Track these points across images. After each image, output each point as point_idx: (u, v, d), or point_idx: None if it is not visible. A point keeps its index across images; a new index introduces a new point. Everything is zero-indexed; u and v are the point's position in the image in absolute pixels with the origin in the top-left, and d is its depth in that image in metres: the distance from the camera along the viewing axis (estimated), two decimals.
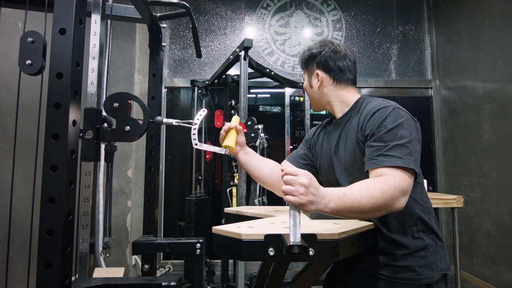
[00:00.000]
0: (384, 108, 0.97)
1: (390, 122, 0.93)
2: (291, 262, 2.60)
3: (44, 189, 0.64)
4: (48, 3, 0.94)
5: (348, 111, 1.11)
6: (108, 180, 1.32)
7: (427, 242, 0.97)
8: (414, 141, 0.92)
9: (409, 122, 0.95)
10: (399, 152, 0.89)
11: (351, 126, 1.06)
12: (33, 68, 0.77)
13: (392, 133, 0.92)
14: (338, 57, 1.11)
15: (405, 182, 0.86)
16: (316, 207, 0.76)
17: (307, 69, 1.18)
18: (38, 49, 0.77)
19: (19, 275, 1.64)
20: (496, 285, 2.64)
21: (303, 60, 1.18)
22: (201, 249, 1.19)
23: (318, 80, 1.13)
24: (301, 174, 0.76)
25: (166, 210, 3.42)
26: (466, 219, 3.02)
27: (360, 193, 0.81)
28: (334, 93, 1.13)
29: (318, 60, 1.13)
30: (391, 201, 0.83)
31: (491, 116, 2.74)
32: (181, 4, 1.40)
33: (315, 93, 1.16)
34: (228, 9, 3.59)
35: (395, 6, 3.67)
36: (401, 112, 0.97)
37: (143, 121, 1.00)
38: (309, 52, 1.15)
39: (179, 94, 3.69)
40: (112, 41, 1.59)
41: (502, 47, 2.63)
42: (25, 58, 0.77)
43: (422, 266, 0.95)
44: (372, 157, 0.93)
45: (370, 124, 0.97)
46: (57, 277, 0.62)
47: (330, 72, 1.12)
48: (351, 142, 1.03)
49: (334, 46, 1.13)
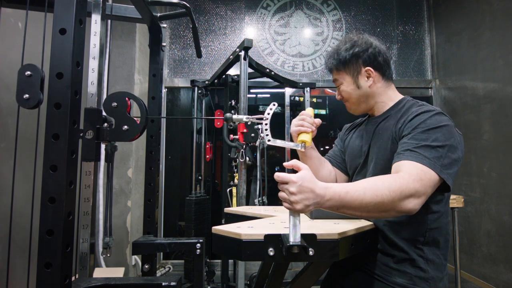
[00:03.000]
0: (427, 111, 0.93)
1: (428, 124, 0.89)
2: (291, 262, 2.60)
3: (44, 189, 0.64)
4: (48, 3, 0.94)
5: (388, 109, 1.06)
6: (108, 180, 1.32)
7: (429, 256, 0.93)
8: (449, 148, 0.86)
9: (450, 129, 0.89)
10: (428, 152, 0.84)
11: (387, 125, 1.01)
12: (30, 102, 0.76)
13: (427, 133, 0.88)
14: (382, 51, 1.06)
15: (420, 184, 0.80)
16: (315, 207, 0.74)
17: (347, 70, 1.07)
18: (36, 82, 0.76)
19: (19, 275, 1.64)
20: (496, 285, 2.64)
21: (343, 58, 1.07)
22: (201, 249, 1.19)
23: (370, 78, 1.05)
24: (290, 181, 0.71)
25: (166, 210, 3.41)
26: (466, 219, 3.02)
27: (365, 190, 0.77)
28: (383, 91, 1.07)
29: (365, 58, 1.05)
30: (399, 201, 0.78)
31: (491, 116, 2.74)
32: (181, 4, 1.40)
33: (363, 94, 1.07)
34: (228, 9, 3.59)
35: (395, 6, 3.67)
36: (444, 118, 0.92)
37: (140, 120, 1.00)
38: (351, 49, 1.05)
39: (179, 94, 3.69)
40: (112, 41, 1.59)
41: (502, 47, 2.63)
42: (22, 93, 0.76)
43: (420, 277, 0.91)
44: (399, 152, 0.89)
45: (409, 125, 0.92)
46: (57, 277, 0.62)
47: (380, 68, 1.06)
48: (385, 141, 0.99)
49: (373, 40, 1.07)
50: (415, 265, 0.92)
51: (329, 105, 3.76)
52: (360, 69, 1.06)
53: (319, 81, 3.47)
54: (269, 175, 2.84)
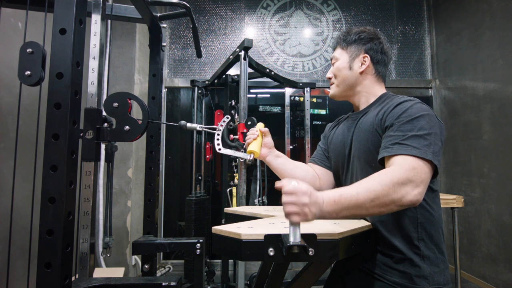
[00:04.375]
0: (407, 101, 0.96)
1: (411, 113, 0.91)
2: (291, 262, 2.60)
3: (44, 189, 0.64)
4: (48, 3, 0.94)
5: (370, 104, 1.09)
6: (108, 180, 1.32)
7: (424, 253, 0.93)
8: (434, 135, 0.89)
9: (431, 117, 0.92)
10: (417, 142, 0.86)
11: (367, 118, 1.04)
12: (32, 79, 0.77)
13: (411, 123, 0.89)
14: (386, 50, 1.11)
15: (413, 173, 0.81)
16: (315, 217, 0.73)
17: (348, 49, 1.12)
18: (37, 59, 0.77)
19: (19, 275, 1.64)
20: (496, 285, 2.64)
21: (350, 39, 1.12)
22: (201, 249, 1.20)
23: (363, 65, 1.09)
24: (300, 192, 0.70)
25: (166, 210, 3.42)
26: (466, 219, 3.02)
27: (358, 190, 0.77)
28: (370, 84, 1.11)
29: (369, 46, 1.10)
30: (396, 194, 0.78)
31: (491, 116, 2.74)
32: (181, 4, 1.40)
33: (351, 76, 1.11)
34: (228, 9, 3.59)
35: (395, 6, 3.67)
36: (424, 107, 0.94)
37: (142, 121, 1.00)
38: (360, 33, 1.10)
39: (179, 94, 3.69)
40: (112, 41, 1.59)
41: (502, 47, 2.63)
42: (24, 69, 0.76)
43: (419, 276, 0.92)
44: (387, 146, 0.90)
45: (391, 116, 0.94)
46: (57, 277, 0.62)
47: (376, 63, 1.10)
48: (366, 134, 1.01)
49: (383, 39, 1.12)
50: (414, 264, 0.93)
51: (329, 105, 3.76)
52: (359, 53, 1.10)
53: (319, 81, 3.47)
54: (269, 175, 2.84)
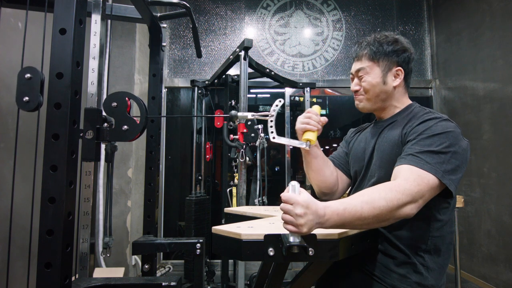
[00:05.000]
0: (434, 118, 0.93)
1: (434, 130, 0.89)
2: (291, 262, 2.60)
3: (44, 189, 0.64)
4: (48, 3, 0.94)
5: (396, 114, 1.07)
6: (108, 180, 1.32)
7: (429, 264, 0.92)
8: (453, 154, 0.86)
9: (455, 135, 0.89)
10: (430, 158, 0.84)
11: (393, 129, 1.02)
12: (30, 105, 0.76)
13: (431, 139, 0.88)
14: (412, 60, 1.07)
15: (417, 188, 0.80)
16: (311, 229, 0.71)
17: (380, 62, 1.04)
18: (36, 85, 0.76)
19: (19, 275, 1.64)
20: (496, 285, 2.64)
21: (383, 52, 1.04)
22: (201, 249, 1.19)
23: (397, 79, 1.05)
24: (296, 202, 0.69)
25: (166, 210, 3.42)
26: (466, 219, 3.02)
27: (362, 205, 0.76)
28: (401, 96, 1.07)
29: (402, 59, 1.04)
30: (397, 210, 0.78)
31: (491, 116, 2.74)
32: (181, 4, 1.40)
33: (385, 91, 1.05)
34: (228, 9, 3.59)
35: (395, 6, 3.67)
36: (450, 124, 0.91)
37: (140, 120, 1.00)
38: (394, 46, 1.04)
39: (179, 94, 3.69)
40: (112, 41, 1.59)
41: (502, 47, 2.63)
42: (22, 95, 0.76)
43: (420, 284, 0.91)
44: (402, 156, 0.89)
45: (415, 131, 0.93)
46: (57, 277, 0.62)
47: (408, 74, 1.07)
48: (390, 145, 0.99)
49: (410, 47, 1.07)
50: (417, 270, 0.92)
51: (329, 105, 3.76)
52: (392, 66, 1.05)
53: (319, 81, 3.47)
54: (269, 175, 2.84)
